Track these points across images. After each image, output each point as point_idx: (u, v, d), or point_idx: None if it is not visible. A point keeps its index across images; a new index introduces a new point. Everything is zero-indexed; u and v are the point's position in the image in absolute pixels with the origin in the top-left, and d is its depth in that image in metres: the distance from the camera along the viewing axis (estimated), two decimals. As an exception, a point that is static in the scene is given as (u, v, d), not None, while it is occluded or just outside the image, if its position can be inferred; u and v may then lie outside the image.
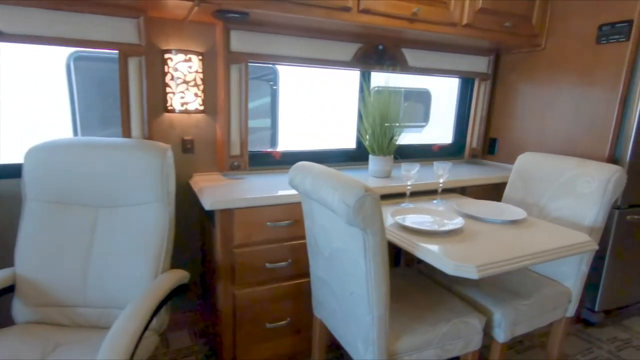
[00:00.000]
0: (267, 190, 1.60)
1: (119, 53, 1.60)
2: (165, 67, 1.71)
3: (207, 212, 1.61)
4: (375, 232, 1.03)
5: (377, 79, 2.22)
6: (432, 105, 3.31)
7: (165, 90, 1.73)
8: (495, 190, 2.08)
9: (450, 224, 1.39)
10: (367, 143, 1.96)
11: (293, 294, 1.67)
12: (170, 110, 1.73)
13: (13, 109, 1.81)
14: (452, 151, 2.65)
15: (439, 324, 1.26)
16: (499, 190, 2.02)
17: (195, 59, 1.72)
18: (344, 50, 2.02)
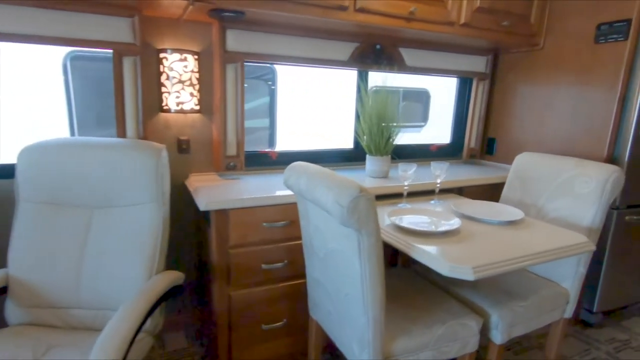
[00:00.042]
0: (263, 191, 1.59)
1: (113, 52, 1.59)
2: (161, 67, 1.70)
3: (203, 213, 1.60)
4: (370, 233, 1.02)
5: (375, 78, 2.21)
6: (431, 105, 3.30)
7: (161, 89, 1.71)
8: (493, 191, 2.07)
9: (447, 224, 1.38)
10: (365, 143, 1.95)
11: (289, 295, 1.66)
12: (165, 110, 1.72)
13: (12, 109, 1.80)
14: (450, 151, 2.64)
15: (435, 325, 1.25)
16: (497, 190, 2.00)
17: (190, 58, 1.71)
18: (341, 49, 2.01)
